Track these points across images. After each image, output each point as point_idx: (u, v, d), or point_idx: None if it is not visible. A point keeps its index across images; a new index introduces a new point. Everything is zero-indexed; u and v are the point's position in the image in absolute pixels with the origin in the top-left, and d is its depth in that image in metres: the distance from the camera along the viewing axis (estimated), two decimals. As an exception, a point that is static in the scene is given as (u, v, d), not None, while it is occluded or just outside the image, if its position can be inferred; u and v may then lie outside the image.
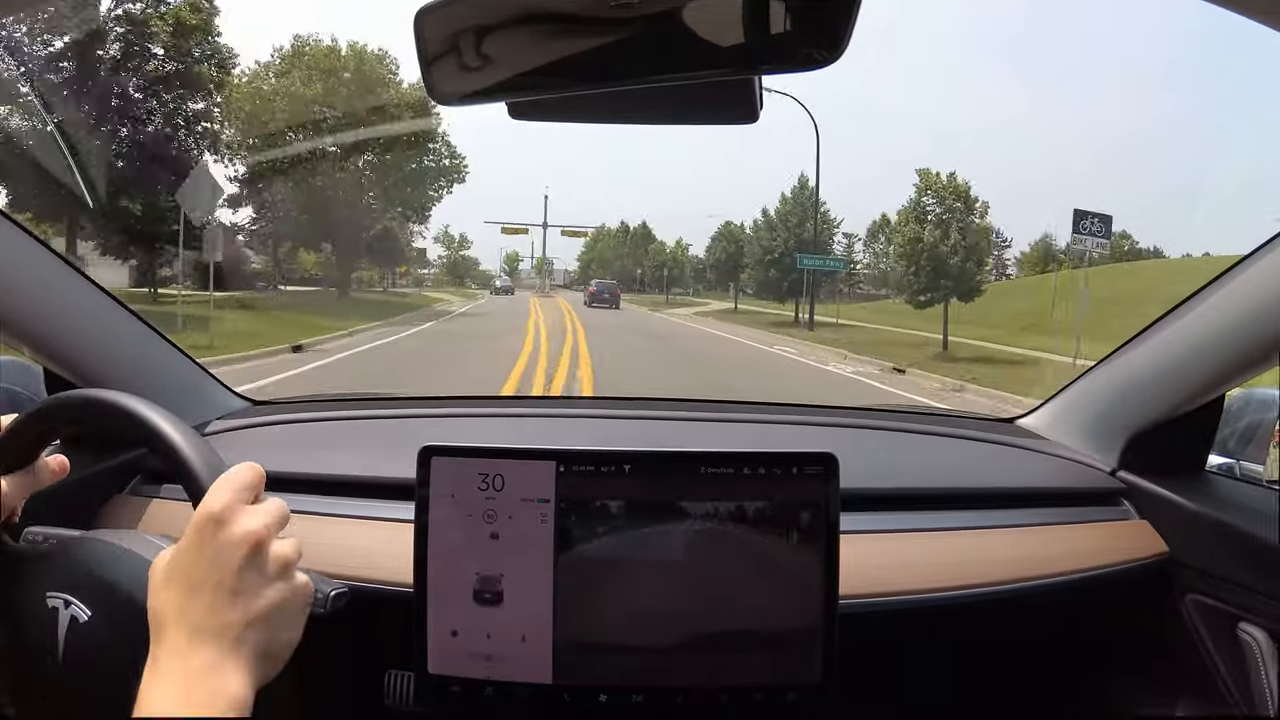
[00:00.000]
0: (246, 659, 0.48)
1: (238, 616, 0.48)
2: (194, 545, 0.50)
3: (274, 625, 0.50)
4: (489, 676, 0.68)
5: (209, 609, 0.48)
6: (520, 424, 1.30)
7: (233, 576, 0.49)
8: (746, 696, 0.69)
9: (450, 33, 0.53)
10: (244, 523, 0.50)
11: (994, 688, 0.98)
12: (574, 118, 0.65)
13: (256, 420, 1.15)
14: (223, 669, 0.47)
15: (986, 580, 0.86)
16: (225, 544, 0.49)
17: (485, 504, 0.68)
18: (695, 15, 0.50)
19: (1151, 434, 0.98)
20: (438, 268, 39.34)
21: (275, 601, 0.50)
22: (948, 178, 14.44)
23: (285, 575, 0.51)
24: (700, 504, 0.69)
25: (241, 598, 0.49)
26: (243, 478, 0.53)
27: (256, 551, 0.50)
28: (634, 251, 35.93)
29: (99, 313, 0.99)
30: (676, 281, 33.36)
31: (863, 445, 1.14)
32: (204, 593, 0.48)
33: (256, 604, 0.49)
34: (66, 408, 0.64)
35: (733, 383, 8.14)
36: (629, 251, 36.50)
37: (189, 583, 0.49)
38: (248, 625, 0.48)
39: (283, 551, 0.52)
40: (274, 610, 0.50)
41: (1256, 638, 0.83)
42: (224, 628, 0.48)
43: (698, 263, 32.61)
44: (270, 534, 0.51)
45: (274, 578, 0.51)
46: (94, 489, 0.94)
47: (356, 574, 0.79)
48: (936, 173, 14.56)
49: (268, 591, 0.50)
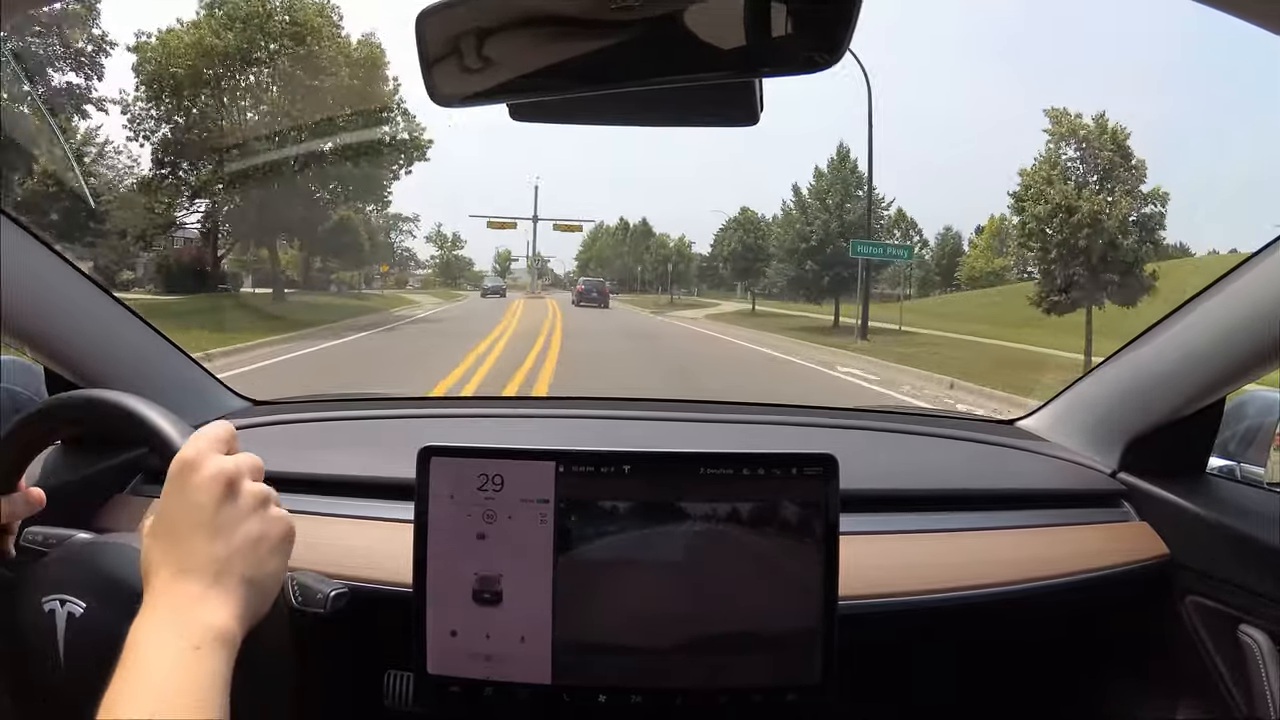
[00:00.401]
0: (231, 591, 0.49)
1: (219, 551, 0.50)
2: (171, 492, 0.52)
3: (256, 557, 0.52)
4: (488, 677, 0.68)
5: (191, 548, 0.50)
6: (520, 424, 1.30)
7: (210, 514, 0.51)
8: (746, 697, 0.69)
9: (451, 35, 0.53)
10: (216, 462, 0.52)
11: (994, 689, 0.97)
12: (575, 119, 0.66)
13: (256, 420, 1.15)
14: (207, 601, 0.48)
15: (986, 582, 0.86)
16: (199, 485, 0.51)
17: (485, 504, 0.68)
18: (696, 18, 0.50)
19: (1152, 436, 0.98)
20: (430, 268, 37.73)
21: (254, 534, 0.52)
22: (1096, 122, 9.94)
23: (262, 509, 0.53)
24: (700, 505, 0.69)
25: (221, 533, 0.50)
26: (214, 431, 0.55)
27: (231, 488, 0.52)
28: (634, 249, 34.13)
29: (99, 313, 0.99)
30: (681, 279, 31.45)
31: (862, 446, 1.14)
32: (185, 534, 0.50)
33: (236, 537, 0.51)
34: (68, 408, 0.64)
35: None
36: (629, 249, 34.72)
37: (171, 527, 0.51)
38: (230, 558, 0.50)
39: (258, 488, 0.54)
40: (254, 542, 0.52)
41: (1257, 640, 0.83)
42: (207, 562, 0.49)
43: (702, 260, 30.81)
44: (242, 472, 0.53)
45: (250, 511, 0.52)
46: (95, 489, 0.94)
47: (356, 574, 0.79)
48: (1076, 114, 10.15)
49: (246, 525, 0.52)
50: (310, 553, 0.80)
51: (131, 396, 0.62)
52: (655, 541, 0.69)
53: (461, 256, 40.60)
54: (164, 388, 1.05)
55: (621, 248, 35.62)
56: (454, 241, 39.47)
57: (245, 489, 0.53)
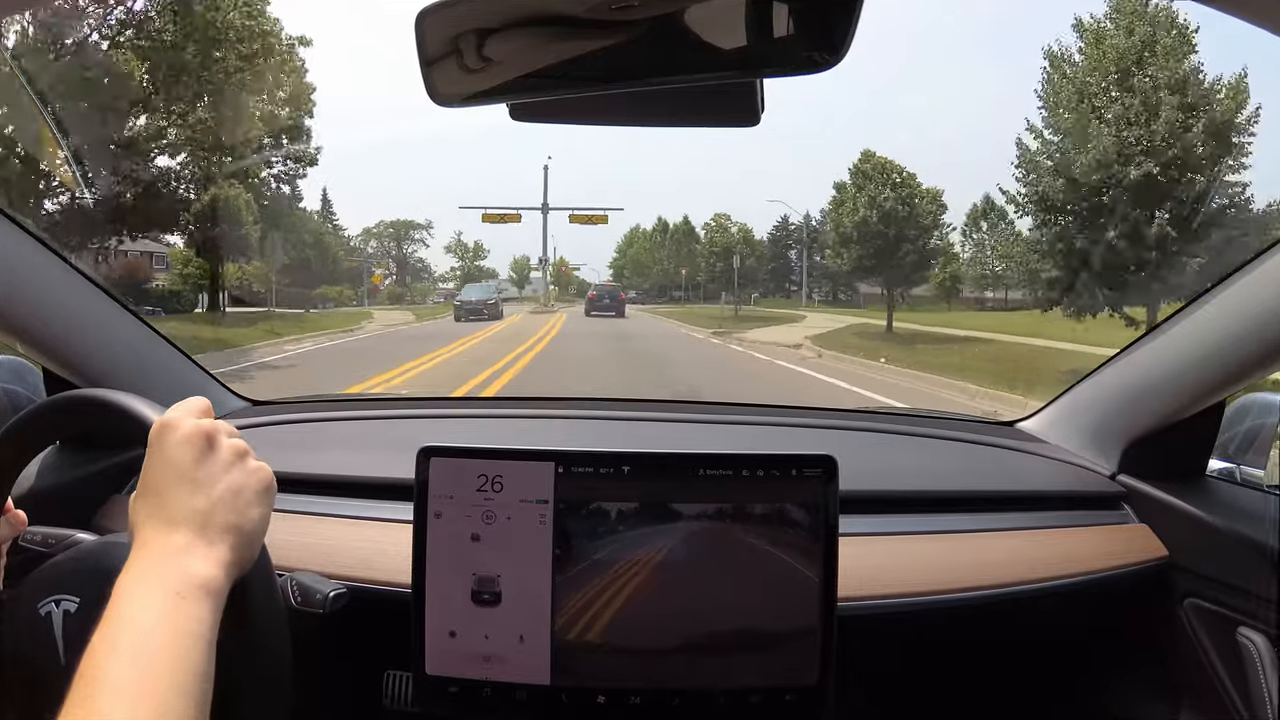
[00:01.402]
0: (215, 541, 0.50)
1: (201, 503, 0.51)
2: (152, 454, 0.53)
3: (238, 506, 0.52)
4: (487, 677, 0.68)
5: (175, 502, 0.51)
6: (519, 425, 1.30)
7: (190, 467, 0.52)
8: (744, 698, 0.69)
9: (451, 34, 0.53)
10: (192, 421, 0.53)
11: (992, 691, 0.97)
12: (574, 119, 0.66)
13: (256, 420, 1.15)
14: (192, 550, 0.49)
15: (986, 583, 0.86)
16: (178, 441, 0.52)
17: (484, 505, 0.68)
18: (696, 18, 0.50)
19: (1152, 438, 0.98)
20: (452, 280, 33.21)
21: (235, 484, 0.53)
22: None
23: (240, 461, 0.54)
24: (699, 505, 0.69)
25: (202, 486, 0.51)
26: (189, 401, 0.56)
27: (209, 443, 0.53)
28: (675, 252, 29.14)
29: (98, 313, 0.99)
30: (749, 279, 24.24)
31: (862, 448, 1.14)
32: (167, 489, 0.51)
33: (217, 489, 0.52)
34: (66, 408, 0.64)
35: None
36: (669, 253, 29.54)
37: (153, 486, 0.52)
38: (212, 509, 0.51)
39: (235, 442, 0.55)
40: (235, 492, 0.53)
41: (1256, 642, 0.83)
42: (190, 514, 0.50)
43: (764, 250, 24.95)
44: (219, 428, 0.54)
45: (230, 464, 0.53)
46: (93, 488, 0.94)
47: (355, 574, 0.79)
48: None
49: (226, 476, 0.53)
50: (309, 553, 0.80)
51: (141, 401, 0.61)
52: (654, 542, 0.69)
53: (484, 268, 35.58)
54: (163, 387, 1.05)
55: (659, 252, 30.63)
56: (476, 251, 35.32)
57: (223, 443, 0.54)
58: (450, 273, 35.53)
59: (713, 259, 24.40)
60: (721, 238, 24.23)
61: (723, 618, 0.69)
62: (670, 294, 29.05)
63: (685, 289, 27.61)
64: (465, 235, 35.83)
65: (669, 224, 30.59)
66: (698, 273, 26.05)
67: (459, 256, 36.14)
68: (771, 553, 0.69)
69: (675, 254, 28.80)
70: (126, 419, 0.59)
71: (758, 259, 24.61)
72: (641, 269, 31.85)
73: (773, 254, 26.32)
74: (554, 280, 30.40)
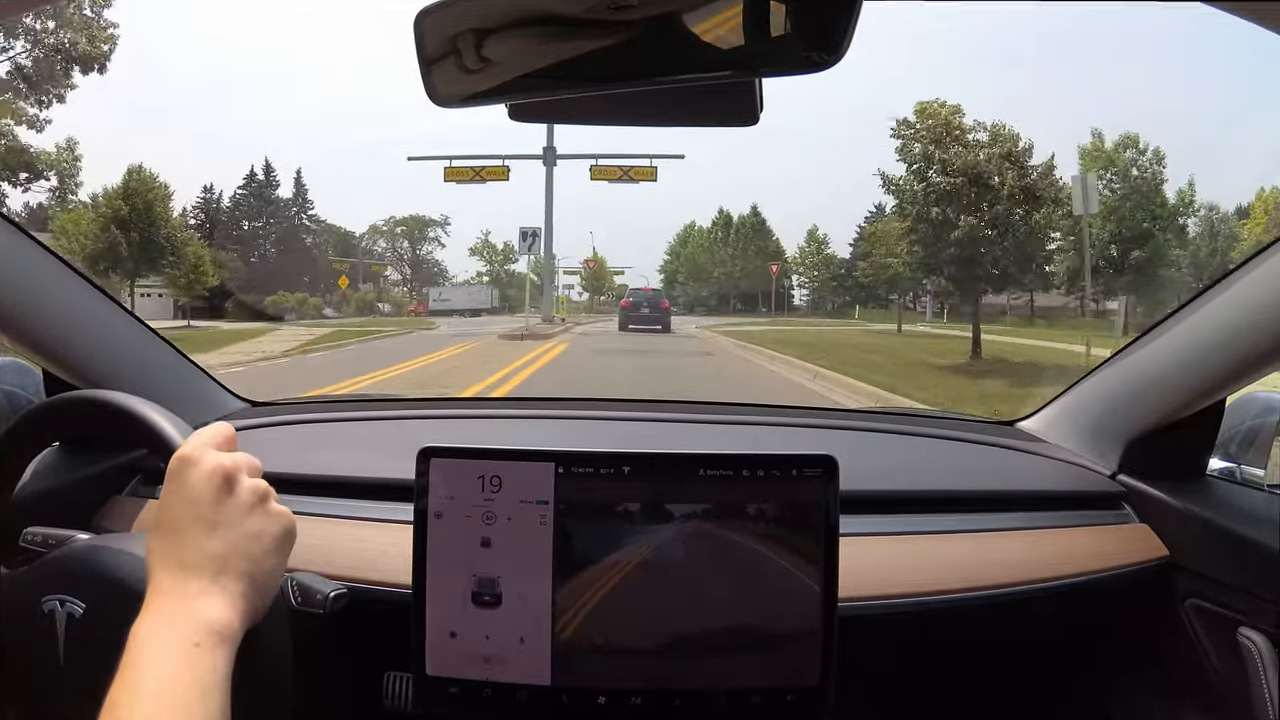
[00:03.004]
0: (231, 588, 0.49)
1: (218, 546, 0.50)
2: (170, 490, 0.52)
3: (255, 553, 0.51)
4: (487, 678, 0.68)
5: (192, 544, 0.49)
6: (519, 425, 1.30)
7: (209, 509, 0.50)
8: (745, 699, 0.69)
9: (450, 35, 0.53)
10: (213, 458, 0.52)
11: (992, 691, 0.97)
12: (574, 119, 0.66)
13: (255, 421, 1.15)
14: (207, 597, 0.48)
15: (986, 583, 0.86)
16: (197, 480, 0.51)
17: (484, 505, 0.68)
18: (695, 18, 0.50)
19: (1152, 438, 0.98)
20: (474, 284, 27.57)
21: (253, 530, 0.51)
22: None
23: (261, 505, 0.53)
24: (699, 506, 0.69)
25: (220, 529, 0.50)
26: (212, 430, 0.55)
27: (229, 483, 0.51)
28: (742, 251, 23.40)
29: (97, 314, 0.99)
30: (894, 288, 17.28)
31: (862, 447, 1.14)
32: (185, 530, 0.50)
33: (235, 533, 0.51)
34: (66, 409, 0.64)
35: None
36: (734, 253, 23.71)
37: (170, 524, 0.51)
38: (228, 554, 0.50)
39: (256, 483, 0.53)
40: (253, 538, 0.51)
41: (1257, 643, 0.83)
42: (207, 559, 0.49)
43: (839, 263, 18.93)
44: (240, 468, 0.53)
45: (250, 507, 0.52)
46: (93, 489, 0.94)
47: (355, 575, 0.79)
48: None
49: (245, 521, 0.51)
50: (309, 554, 0.80)
51: (129, 396, 0.62)
52: (655, 543, 0.68)
53: (515, 272, 27.78)
54: (162, 388, 1.05)
55: (721, 252, 24.48)
56: (506, 254, 27.96)
57: (243, 484, 0.52)
58: (478, 278, 28.93)
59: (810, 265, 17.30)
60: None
61: (723, 618, 0.69)
62: (732, 304, 23.49)
63: (756, 298, 20.67)
64: (495, 235, 28.76)
65: (732, 217, 24.35)
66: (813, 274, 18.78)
67: (486, 259, 29.01)
68: (772, 553, 0.69)
69: (742, 254, 23.24)
70: (153, 439, 0.59)
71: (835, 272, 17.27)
72: (700, 274, 25.24)
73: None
74: (585, 284, 24.38)
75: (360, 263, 26.93)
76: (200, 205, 24.41)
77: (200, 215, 24.16)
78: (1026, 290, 15.27)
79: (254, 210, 25.86)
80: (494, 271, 28.83)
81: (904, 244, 11.96)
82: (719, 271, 24.45)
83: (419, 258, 29.74)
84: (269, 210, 26.05)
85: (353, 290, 24.02)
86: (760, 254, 23.00)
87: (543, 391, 6.80)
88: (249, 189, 25.93)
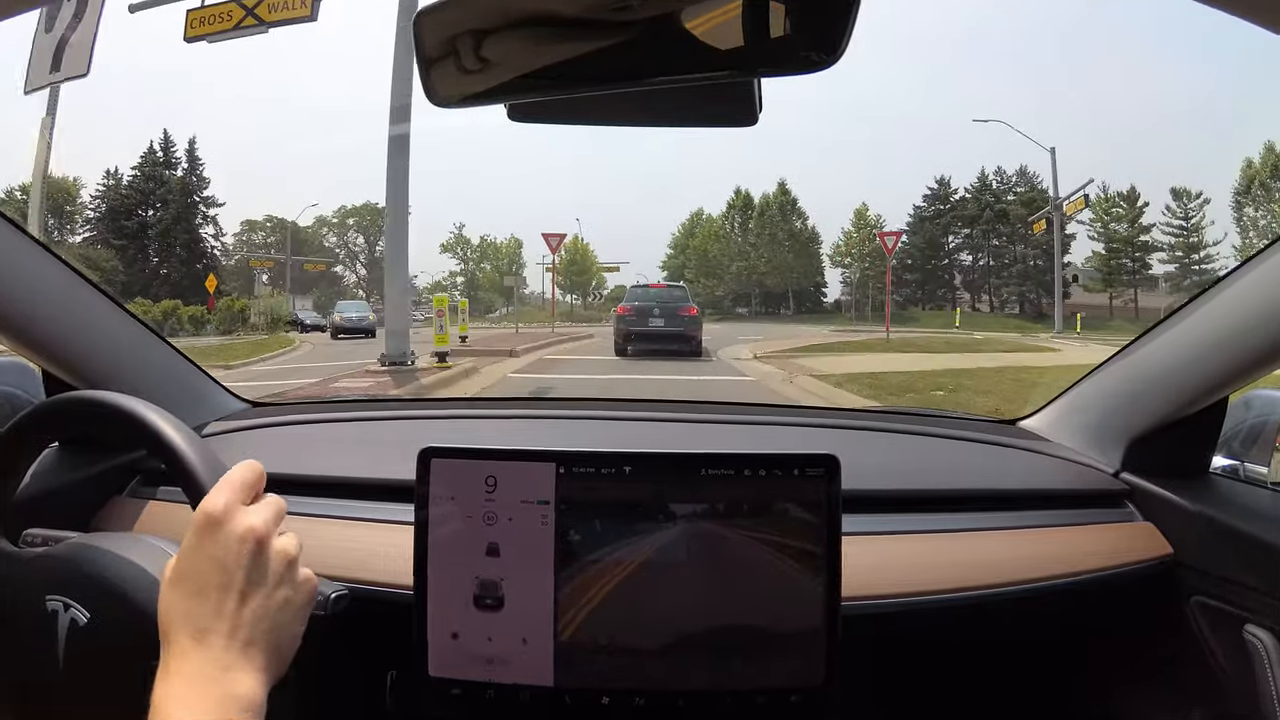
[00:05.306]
0: (256, 659, 0.48)
1: (245, 616, 0.48)
2: (195, 547, 0.50)
3: (281, 623, 0.50)
4: (490, 679, 0.68)
5: (216, 611, 0.48)
6: (520, 425, 1.30)
7: (238, 576, 0.49)
8: (749, 699, 0.68)
9: (449, 35, 0.53)
10: (244, 521, 0.50)
11: (997, 690, 0.97)
12: (573, 120, 0.66)
13: (255, 422, 1.15)
14: (234, 670, 0.47)
15: (989, 582, 0.86)
16: (227, 544, 0.49)
17: (485, 506, 0.68)
18: (694, 18, 0.50)
19: (1155, 436, 0.98)
20: (448, 287, 23.72)
21: (281, 600, 0.50)
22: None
23: (289, 572, 0.51)
24: (701, 506, 0.69)
25: (248, 597, 0.49)
26: (242, 476, 0.53)
27: (259, 549, 0.50)
28: (770, 239, 18.54)
29: (97, 314, 0.99)
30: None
31: (864, 447, 1.14)
32: (210, 595, 0.48)
33: (263, 603, 0.49)
34: (65, 410, 0.64)
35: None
36: (759, 241, 18.78)
37: (195, 586, 0.49)
38: (255, 624, 0.48)
39: (285, 547, 0.52)
40: (280, 608, 0.50)
41: (1262, 639, 0.83)
42: (233, 629, 0.48)
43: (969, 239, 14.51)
44: (270, 531, 0.51)
45: (278, 575, 0.51)
46: (93, 490, 0.94)
47: (356, 576, 0.78)
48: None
49: (275, 591, 0.50)
50: (310, 555, 0.79)
51: (129, 397, 0.61)
52: (656, 543, 0.68)
53: (491, 270, 25.06)
54: (163, 389, 1.05)
55: (741, 241, 19.43)
56: (483, 250, 24.51)
57: (274, 550, 0.51)
58: (450, 277, 25.33)
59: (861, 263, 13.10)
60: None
61: (726, 618, 0.69)
62: (753, 305, 19.39)
63: (798, 296, 15.61)
64: (469, 229, 24.89)
65: (753, 198, 19.03)
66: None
67: (460, 257, 25.46)
68: (774, 553, 0.69)
69: (770, 241, 18.52)
70: (183, 475, 0.56)
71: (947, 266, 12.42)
72: (714, 268, 20.04)
73: (927, 239, 15.15)
74: (565, 279, 18.98)
75: (290, 260, 22.66)
76: (101, 194, 20.40)
77: (101, 206, 20.03)
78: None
79: (147, 196, 20.94)
80: (467, 270, 24.74)
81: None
82: (736, 265, 19.74)
83: (375, 256, 24.64)
84: (160, 193, 20.85)
85: (219, 296, 19.08)
86: (793, 240, 17.90)
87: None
88: (144, 169, 20.69)
